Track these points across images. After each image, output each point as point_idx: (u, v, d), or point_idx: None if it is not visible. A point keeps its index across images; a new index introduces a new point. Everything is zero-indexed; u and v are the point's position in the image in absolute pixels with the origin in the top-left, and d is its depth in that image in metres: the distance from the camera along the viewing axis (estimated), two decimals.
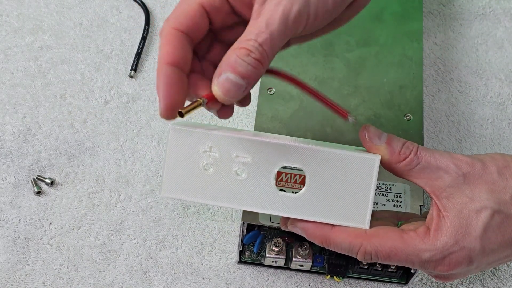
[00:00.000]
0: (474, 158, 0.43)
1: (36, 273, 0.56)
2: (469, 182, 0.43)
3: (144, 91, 0.67)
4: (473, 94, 0.68)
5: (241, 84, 0.40)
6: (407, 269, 0.55)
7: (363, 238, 0.43)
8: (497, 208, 0.42)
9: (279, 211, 0.44)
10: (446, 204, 0.42)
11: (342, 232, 0.44)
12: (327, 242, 0.44)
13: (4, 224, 0.59)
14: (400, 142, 0.44)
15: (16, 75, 0.67)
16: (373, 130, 0.45)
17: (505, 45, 0.71)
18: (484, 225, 0.42)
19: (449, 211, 0.42)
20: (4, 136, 0.63)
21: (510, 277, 0.58)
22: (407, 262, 0.43)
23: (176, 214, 0.60)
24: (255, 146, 0.43)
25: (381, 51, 0.62)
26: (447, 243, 0.42)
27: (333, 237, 0.44)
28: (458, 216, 0.42)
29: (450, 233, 0.42)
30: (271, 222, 0.53)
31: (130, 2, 0.72)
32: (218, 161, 0.44)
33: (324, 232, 0.44)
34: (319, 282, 0.57)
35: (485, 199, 0.42)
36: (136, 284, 0.56)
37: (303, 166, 0.43)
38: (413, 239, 0.43)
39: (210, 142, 0.43)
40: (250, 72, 0.39)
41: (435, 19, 0.73)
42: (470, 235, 0.42)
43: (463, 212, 0.42)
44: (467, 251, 0.42)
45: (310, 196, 0.44)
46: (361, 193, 0.43)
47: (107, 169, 0.62)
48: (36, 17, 0.71)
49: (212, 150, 0.44)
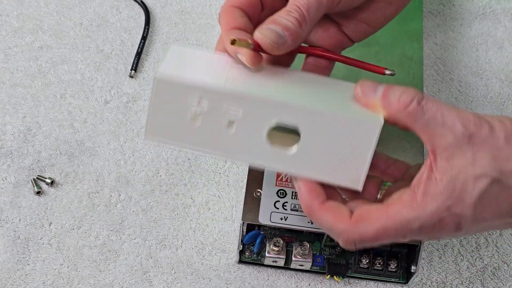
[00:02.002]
0: (482, 118, 0.40)
1: (36, 273, 0.56)
2: (473, 145, 0.40)
3: (144, 91, 0.67)
4: (473, 94, 0.68)
5: (281, 34, 0.42)
6: (408, 269, 0.55)
7: (346, 223, 0.42)
8: (498, 177, 0.39)
9: (269, 164, 0.43)
10: (444, 166, 0.40)
11: (328, 210, 0.42)
12: (311, 214, 0.43)
13: (4, 224, 0.59)
14: (399, 90, 0.41)
15: (16, 75, 0.67)
16: (368, 84, 0.43)
17: (505, 45, 0.71)
18: (480, 193, 0.39)
19: (444, 174, 0.40)
20: (4, 136, 0.63)
21: (510, 277, 0.58)
22: (397, 237, 0.41)
23: (176, 214, 0.60)
24: (247, 101, 0.42)
25: (381, 51, 0.62)
26: (439, 208, 0.40)
27: (318, 211, 0.42)
28: (454, 180, 0.39)
29: (442, 199, 0.40)
30: (271, 222, 0.53)
31: (130, 2, 0.72)
32: (206, 114, 0.42)
33: (313, 203, 0.43)
34: (319, 282, 0.57)
35: (486, 165, 0.39)
36: (136, 284, 0.56)
37: (297, 124, 0.42)
38: (399, 212, 0.40)
39: (198, 94, 0.42)
40: (290, 26, 0.43)
41: (435, 19, 0.73)
42: (463, 202, 0.39)
43: (460, 177, 0.39)
44: (458, 218, 0.40)
45: (304, 153, 0.42)
46: (359, 154, 0.42)
47: (107, 169, 0.62)
48: (36, 17, 0.71)
49: (201, 104, 0.42)
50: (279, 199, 0.54)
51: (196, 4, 0.73)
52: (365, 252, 0.55)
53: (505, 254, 0.59)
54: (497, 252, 0.59)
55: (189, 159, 0.63)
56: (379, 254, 0.55)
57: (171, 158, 0.63)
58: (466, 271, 0.58)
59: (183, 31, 0.71)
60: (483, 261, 0.58)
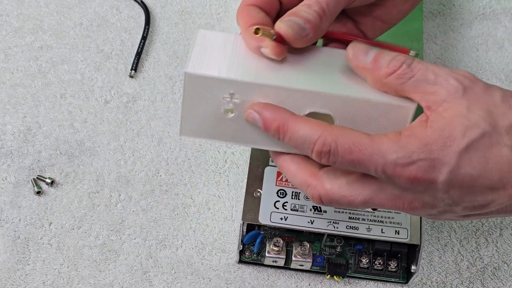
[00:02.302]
0: (478, 78, 0.39)
1: (36, 273, 0.56)
2: (468, 97, 0.38)
3: (144, 91, 0.67)
4: None
5: (302, 26, 0.42)
6: (408, 269, 0.55)
7: (324, 128, 0.40)
8: (490, 130, 0.37)
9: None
10: (436, 117, 0.38)
11: (303, 121, 0.41)
12: (284, 129, 0.41)
13: (4, 224, 0.59)
14: (389, 55, 0.41)
15: (16, 75, 0.67)
16: (359, 47, 0.42)
17: (505, 45, 0.71)
18: (469, 142, 0.37)
19: (435, 122, 0.38)
20: (4, 136, 0.63)
21: (510, 277, 0.58)
22: (369, 163, 0.39)
23: (176, 214, 0.60)
24: (279, 92, 0.42)
25: None
26: (420, 148, 0.37)
27: (292, 123, 0.41)
28: (443, 128, 0.38)
29: (426, 141, 0.38)
30: (271, 222, 0.53)
31: (130, 2, 0.72)
32: (239, 106, 0.42)
33: (284, 118, 0.41)
34: (319, 282, 0.57)
35: (480, 116, 0.38)
36: (136, 284, 0.56)
37: (330, 112, 0.42)
38: (381, 138, 0.39)
39: (231, 88, 0.42)
40: (311, 18, 0.42)
41: (435, 19, 0.73)
42: (448, 148, 0.37)
43: (450, 126, 0.38)
44: (439, 165, 0.37)
45: None
46: None
47: (107, 169, 0.62)
48: (36, 17, 0.71)
49: (234, 97, 0.42)
50: (279, 199, 0.54)
51: (196, 4, 0.73)
52: (365, 252, 0.55)
53: (505, 254, 0.59)
54: (497, 252, 0.59)
55: (189, 159, 0.63)
56: (379, 254, 0.55)
57: (171, 158, 0.63)
58: (466, 271, 0.58)
59: (183, 31, 0.71)
60: (483, 261, 0.58)
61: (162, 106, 0.66)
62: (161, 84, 0.67)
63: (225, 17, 0.72)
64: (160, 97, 0.66)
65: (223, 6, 0.73)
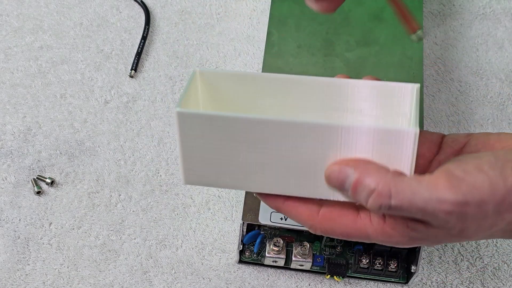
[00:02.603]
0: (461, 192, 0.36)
1: (36, 273, 0.56)
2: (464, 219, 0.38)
3: (144, 91, 0.67)
4: (473, 94, 0.68)
5: None
6: (408, 269, 0.55)
7: (314, 220, 0.41)
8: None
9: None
10: None
11: (294, 207, 0.42)
12: (280, 211, 0.43)
13: (4, 224, 0.59)
14: (365, 190, 0.39)
15: (16, 75, 0.67)
16: (335, 176, 0.40)
17: (505, 45, 0.71)
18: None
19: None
20: (4, 136, 0.63)
21: (510, 277, 0.58)
22: (360, 239, 0.41)
23: (176, 214, 0.60)
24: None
25: (381, 51, 0.62)
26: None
27: (284, 209, 0.42)
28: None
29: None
30: (271, 222, 0.53)
31: (130, 2, 0.72)
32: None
33: (277, 204, 0.43)
34: (319, 282, 0.57)
35: None
36: (136, 284, 0.56)
37: None
38: (365, 227, 0.40)
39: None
40: None
41: (435, 19, 0.73)
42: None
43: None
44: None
45: None
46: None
47: (107, 169, 0.62)
48: (36, 17, 0.71)
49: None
50: None
51: (196, 4, 0.73)
52: (365, 252, 0.55)
53: (505, 254, 0.59)
54: (497, 252, 0.59)
55: None
56: (379, 254, 0.55)
57: (171, 158, 0.63)
58: (466, 271, 0.58)
59: (183, 31, 0.71)
60: (483, 261, 0.58)
61: (162, 106, 0.66)
62: (161, 84, 0.67)
63: (225, 17, 0.72)
64: (160, 97, 0.66)
65: (223, 6, 0.73)
